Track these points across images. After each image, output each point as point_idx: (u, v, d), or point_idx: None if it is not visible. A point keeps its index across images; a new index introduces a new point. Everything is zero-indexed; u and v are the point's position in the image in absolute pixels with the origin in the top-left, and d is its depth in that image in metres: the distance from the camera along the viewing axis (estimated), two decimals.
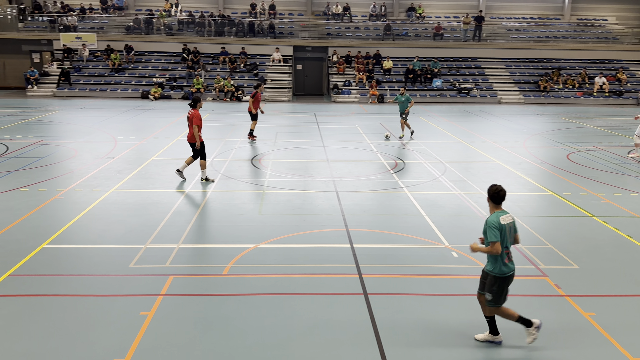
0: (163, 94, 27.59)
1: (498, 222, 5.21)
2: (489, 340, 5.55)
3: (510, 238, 5.33)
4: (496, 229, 5.17)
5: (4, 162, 12.82)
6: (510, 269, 5.32)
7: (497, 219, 5.23)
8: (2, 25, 30.47)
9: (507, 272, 5.28)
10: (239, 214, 9.54)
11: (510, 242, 5.35)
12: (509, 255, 5.31)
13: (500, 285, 5.31)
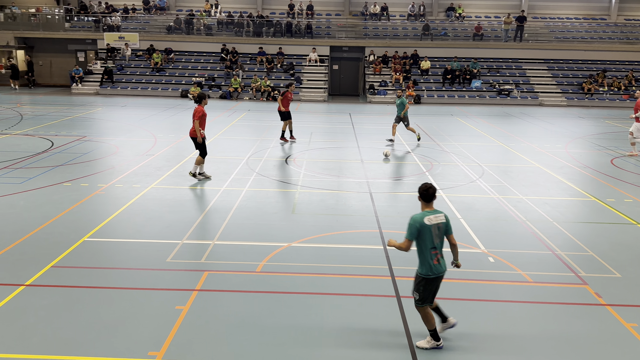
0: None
1: (420, 221, 5.10)
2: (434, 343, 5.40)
3: (438, 239, 5.18)
4: (414, 228, 5.09)
5: (49, 157, 13.33)
6: (438, 270, 5.21)
7: (420, 218, 5.13)
8: (50, 25, 31.69)
9: (434, 273, 5.19)
10: (273, 213, 9.61)
11: (439, 243, 5.20)
12: (437, 257, 5.18)
13: (426, 286, 5.23)
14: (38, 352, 5.17)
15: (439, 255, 5.19)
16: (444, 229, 5.22)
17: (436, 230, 5.15)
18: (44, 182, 11.00)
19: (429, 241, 5.12)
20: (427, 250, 5.14)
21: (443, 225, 5.21)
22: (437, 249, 5.18)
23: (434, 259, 5.17)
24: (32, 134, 16.40)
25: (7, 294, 6.28)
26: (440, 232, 5.19)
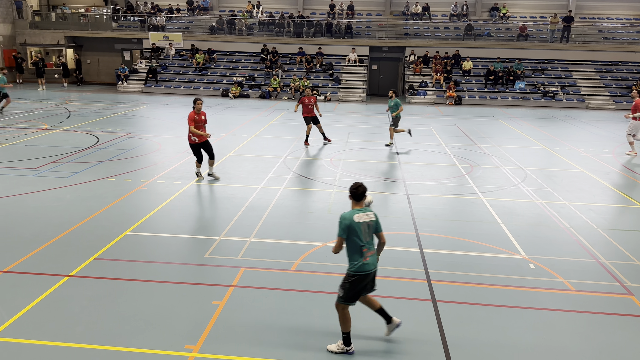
0: (242, 92, 28.47)
1: (350, 219, 5.10)
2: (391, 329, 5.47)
3: (368, 236, 5.16)
4: (345, 225, 5.09)
5: (94, 153, 13.80)
6: (367, 268, 5.15)
7: (350, 216, 5.12)
8: (98, 24, 32.82)
9: (363, 270, 5.14)
10: (309, 212, 9.64)
11: (369, 241, 5.18)
12: (367, 254, 5.15)
13: (353, 283, 5.17)
14: (81, 341, 5.36)
15: (368, 253, 5.16)
16: (374, 227, 5.24)
17: (366, 228, 5.16)
18: (89, 177, 11.39)
19: (358, 239, 5.11)
20: (356, 247, 5.13)
21: (373, 223, 5.21)
22: (367, 246, 5.16)
23: (364, 257, 5.15)
24: (79, 130, 17.02)
25: (53, 283, 6.54)
26: (370, 230, 5.21)
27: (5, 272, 6.77)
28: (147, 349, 5.25)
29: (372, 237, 5.26)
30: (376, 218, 5.26)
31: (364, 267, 5.16)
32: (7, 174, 11.39)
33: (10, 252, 7.38)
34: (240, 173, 12.28)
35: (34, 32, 32.37)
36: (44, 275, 6.75)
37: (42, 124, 17.84)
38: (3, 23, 31.48)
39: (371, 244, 5.23)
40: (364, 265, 5.15)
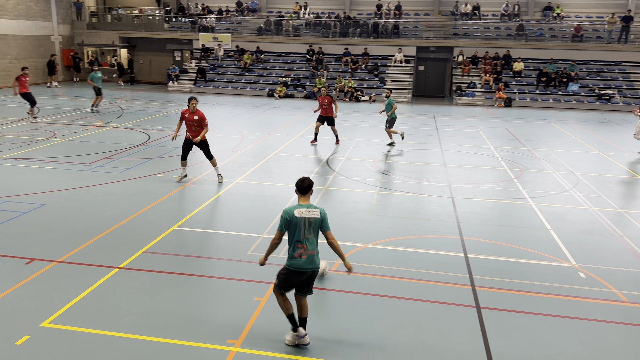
0: (287, 93, 28.74)
1: (290, 213, 5.03)
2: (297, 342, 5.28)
3: (308, 233, 5.06)
4: (284, 219, 5.04)
5: (145, 150, 14.27)
6: (299, 265, 5.08)
7: (291, 210, 5.05)
8: (151, 25, 33.91)
9: (294, 267, 5.09)
10: (350, 213, 9.62)
11: (309, 238, 5.07)
12: (301, 251, 5.06)
13: (287, 276, 5.17)
14: (127, 331, 5.55)
15: (303, 249, 5.07)
16: (317, 224, 5.11)
17: (306, 223, 5.05)
18: (140, 173, 11.79)
19: (296, 234, 5.05)
20: (292, 242, 5.08)
21: (315, 220, 5.09)
22: (304, 243, 5.06)
23: (296, 253, 5.07)
24: (132, 127, 17.64)
25: (103, 274, 6.80)
26: (312, 227, 5.08)
27: (59, 262, 7.10)
28: (190, 342, 5.38)
29: (316, 234, 5.17)
30: (322, 216, 5.15)
31: (296, 263, 5.10)
32: (64, 168, 11.94)
33: (65, 243, 7.73)
34: (284, 172, 12.40)
35: (91, 32, 33.80)
36: (95, 266, 7.03)
37: (97, 121, 18.61)
38: (63, 24, 33.04)
39: (312, 242, 5.13)
40: (296, 261, 5.10)
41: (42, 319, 5.69)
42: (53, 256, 7.27)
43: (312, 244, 5.14)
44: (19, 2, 29.29)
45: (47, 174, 11.46)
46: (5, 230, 8.13)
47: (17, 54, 29.39)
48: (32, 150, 13.69)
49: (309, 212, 5.09)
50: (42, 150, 13.68)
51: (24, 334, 5.40)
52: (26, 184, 10.67)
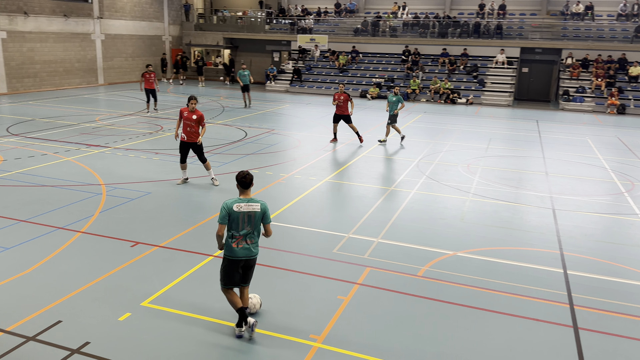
0: (380, 94, 28.61)
1: (230, 206, 5.28)
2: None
3: (247, 226, 5.31)
4: (224, 212, 5.29)
5: (242, 146, 14.90)
6: (236, 254, 5.33)
7: (230, 204, 5.30)
8: (253, 27, 35.34)
9: (232, 255, 5.35)
10: (440, 218, 9.36)
11: (247, 231, 5.31)
12: (237, 241, 5.31)
13: (226, 267, 5.39)
14: (217, 317, 5.83)
15: (240, 239, 5.31)
16: (258, 218, 5.36)
17: (245, 217, 5.30)
18: (236, 168, 12.33)
19: (235, 226, 5.29)
20: (231, 233, 5.34)
21: (256, 214, 5.33)
22: (242, 235, 5.32)
23: (234, 243, 5.32)
24: (231, 124, 18.50)
25: (199, 261, 7.20)
26: (251, 220, 5.33)
27: (160, 247, 7.63)
28: (274, 332, 5.53)
29: (256, 227, 5.38)
30: (262, 210, 5.36)
31: (233, 252, 5.34)
32: (169, 160, 12.81)
33: (166, 230, 8.29)
34: (372, 174, 12.35)
35: (198, 33, 35.91)
36: (192, 253, 7.46)
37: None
38: (173, 25, 35.45)
39: (251, 234, 5.35)
40: (233, 250, 5.33)
41: (143, 298, 6.14)
42: (155, 241, 7.82)
43: (251, 237, 5.39)
44: (136, 4, 31.87)
45: (153, 165, 12.36)
46: (114, 215, 8.88)
47: (132, 52, 31.98)
48: (141, 142, 14.84)
49: (248, 206, 5.33)
50: (150, 143, 14.77)
51: (126, 311, 5.86)
52: (135, 173, 11.58)
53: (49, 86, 26.56)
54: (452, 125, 19.90)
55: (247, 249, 5.38)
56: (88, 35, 28.62)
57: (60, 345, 5.16)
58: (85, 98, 24.07)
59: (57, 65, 27.02)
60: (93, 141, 14.56)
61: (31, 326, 5.46)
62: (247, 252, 5.38)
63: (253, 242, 5.40)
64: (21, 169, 11.40)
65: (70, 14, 27.27)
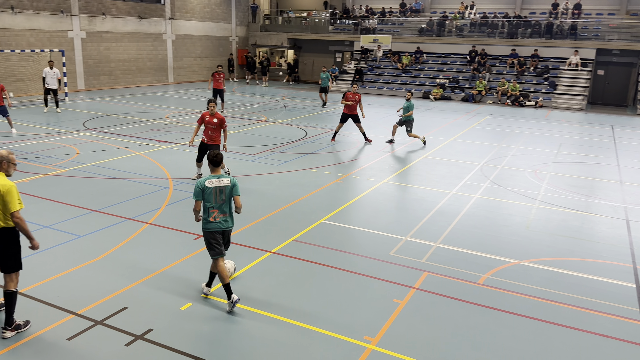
0: (444, 95, 28.01)
1: (202, 184, 5.88)
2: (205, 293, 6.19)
3: (219, 200, 5.89)
4: (198, 189, 5.89)
5: (302, 145, 15.06)
6: (212, 227, 5.93)
7: (203, 181, 5.90)
8: (317, 27, 35.62)
9: (209, 228, 5.93)
10: (504, 225, 9.03)
11: (220, 204, 5.90)
12: (214, 215, 5.90)
13: (207, 238, 5.97)
14: (275, 312, 5.92)
15: (216, 213, 5.90)
16: (229, 191, 5.93)
17: (217, 192, 5.89)
18: (295, 167, 12.49)
19: (209, 200, 5.88)
20: (207, 208, 5.91)
21: (226, 188, 5.92)
22: (216, 208, 5.91)
23: (211, 217, 5.90)
24: (292, 123, 18.75)
25: (258, 256, 7.35)
26: (223, 193, 5.90)
27: None
28: (329, 331, 5.55)
29: (228, 201, 5.94)
30: (232, 185, 5.96)
31: (209, 225, 5.92)
32: (232, 157, 13.16)
33: None
34: (433, 176, 12.11)
35: (263, 34, 36.65)
36: (251, 248, 7.63)
37: (262, 116, 20.13)
38: (240, 26, 36.38)
39: (225, 206, 5.93)
40: (210, 223, 5.91)
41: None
42: None
43: (224, 208, 5.97)
44: (205, 5, 32.97)
45: None
46: (179, 208, 9.23)
47: (201, 52, 33.12)
48: None
49: (219, 181, 5.93)
50: None
51: (187, 301, 6.08)
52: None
53: (122, 84, 28.03)
54: (519, 129, 19.16)
55: (225, 221, 5.99)
56: (160, 35, 29.93)
57: (125, 331, 5.43)
58: (156, 96, 25.20)
59: (131, 64, 28.45)
60: (162, 137, 15.22)
61: (99, 311, 5.78)
62: (222, 224, 5.97)
63: (227, 215, 6.01)
64: (95, 162, 12.10)
65: (144, 15, 28.63)
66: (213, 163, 6.01)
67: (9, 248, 5.24)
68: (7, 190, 5.11)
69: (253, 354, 5.16)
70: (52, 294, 6.08)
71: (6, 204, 5.10)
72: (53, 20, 24.06)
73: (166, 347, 5.18)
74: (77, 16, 25.12)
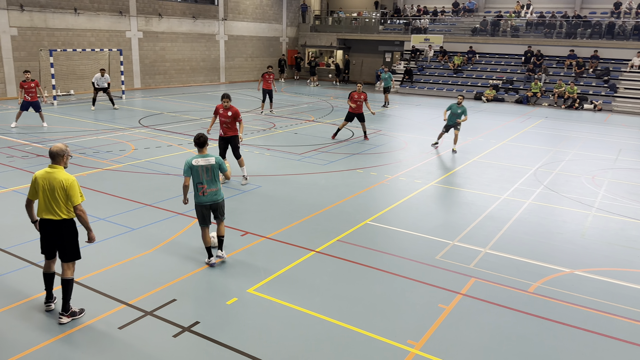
0: (496, 96, 27.28)
1: (189, 162, 6.69)
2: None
3: (207, 176, 6.70)
4: (186, 167, 6.71)
5: (348, 146, 15.03)
6: (201, 200, 6.76)
7: (190, 160, 6.69)
8: (366, 27, 35.47)
9: (199, 202, 6.77)
10: (557, 233, 8.69)
11: (207, 180, 6.70)
12: (203, 190, 6.72)
13: (198, 211, 6.84)
14: (316, 310, 5.94)
15: (204, 189, 6.72)
16: (215, 168, 6.77)
17: (203, 169, 6.70)
18: (341, 167, 12.48)
19: (197, 177, 6.69)
20: (195, 185, 6.74)
21: (212, 166, 6.75)
22: (204, 184, 6.71)
23: (200, 192, 6.74)
24: (338, 124, 18.74)
25: (302, 255, 7.40)
26: (209, 171, 6.72)
27: (267, 238, 7.95)
28: (371, 333, 5.51)
29: (214, 177, 6.74)
30: (217, 163, 6.78)
31: (199, 199, 6.76)
32: (279, 156, 13.31)
33: (273, 222, 8.62)
34: (483, 180, 11.80)
35: (313, 34, 36.86)
36: (296, 246, 7.69)
37: (310, 116, 20.24)
38: (290, 26, 36.74)
39: (212, 182, 6.74)
40: (200, 198, 6.76)
41: (249, 285, 6.45)
42: (263, 232, 8.18)
43: (211, 184, 6.75)
44: (258, 6, 33.50)
45: (265, 160, 12.92)
46: (228, 205, 9.40)
47: (252, 53, 33.69)
48: (255, 138, 15.59)
49: (205, 160, 6.73)
50: (263, 139, 15.46)
51: (233, 295, 6.20)
52: (248, 167, 12.19)
53: (176, 83, 28.90)
54: (576, 133, 18.40)
55: (213, 195, 6.80)
56: (213, 36, 30.66)
57: (174, 322, 5.59)
58: (208, 95, 25.83)
59: (185, 64, 29.29)
60: (213, 135, 15.55)
61: (149, 301, 5.98)
62: (210, 198, 6.79)
63: (215, 190, 6.81)
64: (149, 158, 12.53)
65: (198, 16, 29.41)
66: (198, 144, 6.80)
67: (70, 238, 5.50)
68: (70, 185, 5.36)
69: (295, 350, 5.20)
70: (106, 284, 6.34)
71: (70, 197, 5.36)
72: (112, 21, 25.11)
73: (212, 340, 5.30)
74: (135, 17, 26.11)
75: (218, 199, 6.85)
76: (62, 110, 19.46)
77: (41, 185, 5.36)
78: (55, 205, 5.36)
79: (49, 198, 5.36)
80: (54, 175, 5.37)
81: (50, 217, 5.38)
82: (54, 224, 5.40)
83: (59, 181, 5.33)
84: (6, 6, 21.04)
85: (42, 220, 5.44)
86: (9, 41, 21.34)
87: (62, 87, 23.16)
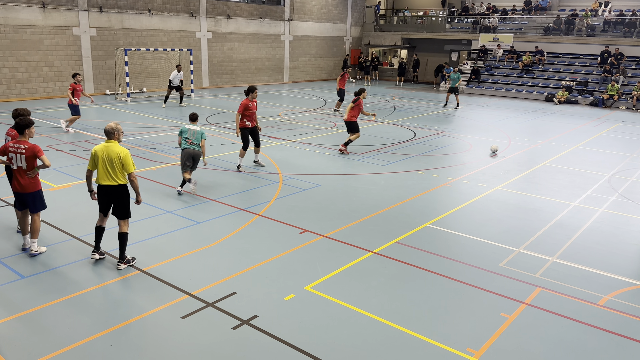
0: (569, 98, 25.98)
1: (184, 128, 9.77)
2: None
3: (193, 138, 9.67)
4: (181, 131, 9.78)
5: (410, 147, 14.83)
6: (189, 148, 9.64)
7: (185, 127, 9.78)
8: (433, 26, 34.82)
9: (185, 148, 9.66)
10: (632, 243, 8.16)
11: (192, 138, 9.68)
12: (188, 143, 9.67)
13: (182, 156, 9.67)
14: (373, 312, 5.91)
15: (189, 142, 9.64)
16: (199, 134, 9.68)
17: (191, 132, 9.68)
18: (402, 168, 12.33)
19: (185, 134, 9.70)
20: (185, 139, 9.69)
21: (196, 131, 9.67)
22: (190, 139, 9.65)
23: (187, 142, 9.66)
24: (400, 124, 18.54)
25: (360, 255, 7.38)
26: (195, 134, 9.67)
27: (325, 237, 8.00)
28: (429, 339, 5.42)
29: (197, 139, 9.66)
30: (200, 132, 9.69)
31: (186, 147, 9.62)
32: (339, 155, 13.35)
33: (331, 221, 8.66)
34: (553, 186, 11.28)
35: (377, 34, 36.64)
36: (354, 246, 7.68)
37: (372, 115, 20.11)
38: (354, 26, 36.70)
39: (195, 140, 9.65)
40: (186, 146, 9.62)
41: (306, 282, 6.52)
42: (321, 231, 8.23)
43: (194, 141, 9.64)
44: (323, 6, 33.72)
45: (325, 159, 13.00)
46: (288, 202, 9.57)
47: (315, 52, 33.97)
48: (316, 137, 15.71)
49: (194, 129, 9.70)
50: (324, 138, 15.56)
51: (291, 292, 6.29)
52: (308, 165, 12.32)
53: (242, 82, 29.66)
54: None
55: (194, 147, 9.64)
56: (278, 36, 31.20)
57: (233, 315, 5.75)
58: (272, 94, 26.32)
59: (251, 64, 30.00)
60: (275, 134, 15.86)
61: (211, 293, 6.18)
62: (194, 147, 9.63)
63: (195, 144, 9.64)
64: (215, 154, 12.94)
65: (265, 17, 30.02)
66: (191, 119, 9.82)
67: (124, 200, 6.62)
68: (125, 156, 6.47)
69: (350, 350, 5.20)
70: (170, 274, 6.62)
71: (125, 166, 6.48)
72: (184, 22, 26.13)
73: (269, 335, 5.40)
74: (205, 17, 27.03)
75: (197, 150, 9.62)
76: (135, 107, 20.49)
77: (100, 157, 6.44)
78: (112, 173, 6.45)
79: (107, 167, 6.44)
80: (111, 148, 6.46)
81: (108, 182, 6.47)
82: (112, 188, 6.49)
83: (116, 153, 6.43)
84: (87, 7, 22.42)
85: (100, 186, 6.54)
86: (88, 41, 22.74)
87: (135, 84, 24.40)
